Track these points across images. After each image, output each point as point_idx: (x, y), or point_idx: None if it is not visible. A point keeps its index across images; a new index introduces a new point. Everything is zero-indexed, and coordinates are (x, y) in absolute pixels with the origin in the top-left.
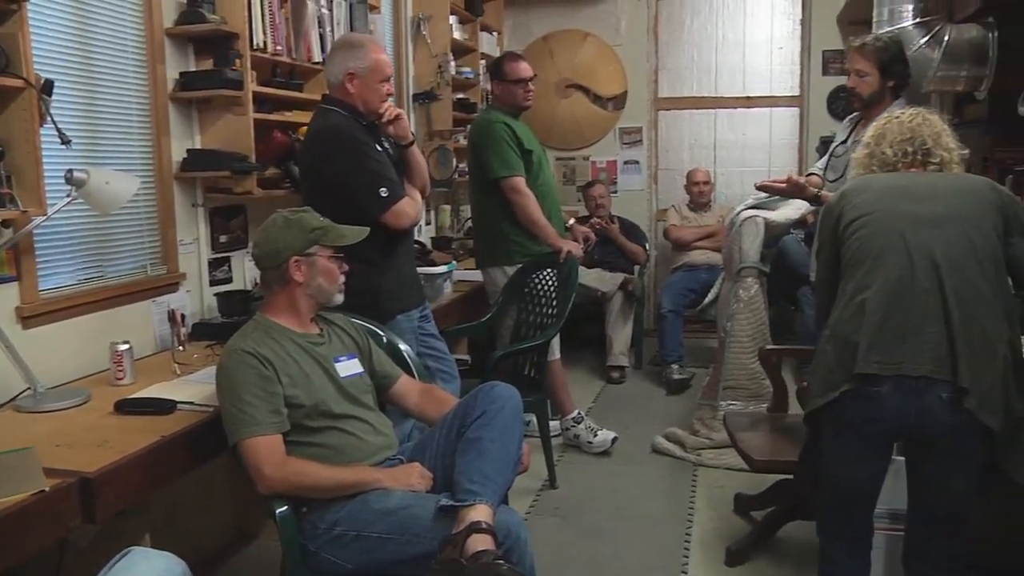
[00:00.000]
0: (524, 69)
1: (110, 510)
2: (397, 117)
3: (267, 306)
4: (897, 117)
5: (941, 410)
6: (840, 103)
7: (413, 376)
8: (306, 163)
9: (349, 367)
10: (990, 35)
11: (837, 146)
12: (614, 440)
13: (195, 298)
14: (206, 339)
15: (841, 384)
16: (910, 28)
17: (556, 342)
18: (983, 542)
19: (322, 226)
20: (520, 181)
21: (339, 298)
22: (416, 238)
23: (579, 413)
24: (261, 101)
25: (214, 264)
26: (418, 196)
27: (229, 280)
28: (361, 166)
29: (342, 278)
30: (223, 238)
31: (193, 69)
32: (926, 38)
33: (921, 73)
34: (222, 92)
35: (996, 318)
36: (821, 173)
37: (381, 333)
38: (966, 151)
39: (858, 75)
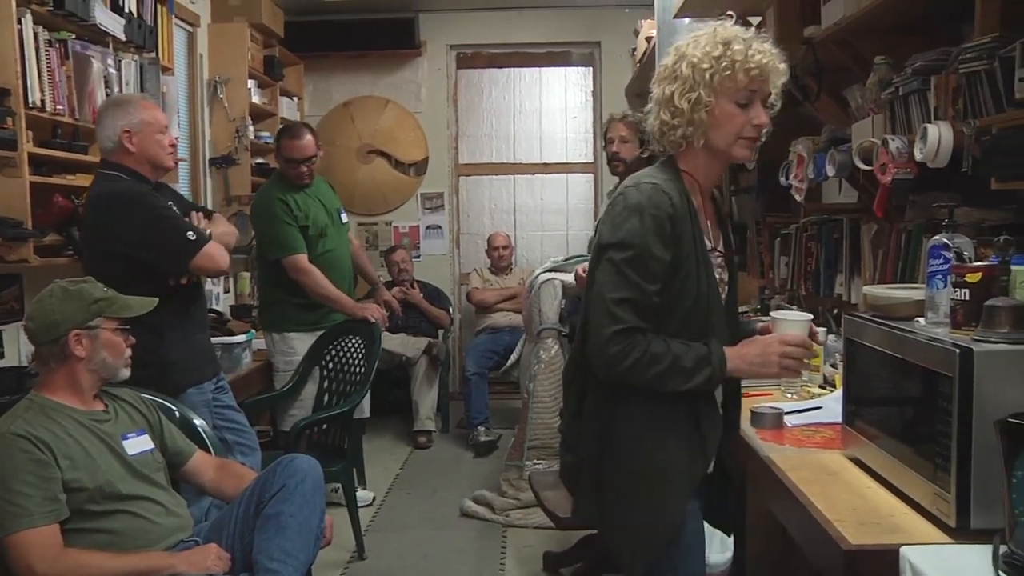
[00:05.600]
0: (298, 148)
1: None
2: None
3: (44, 384)
4: None
5: None
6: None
7: (209, 451)
8: (94, 229)
9: (138, 444)
10: None
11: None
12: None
13: None
14: None
15: None
16: None
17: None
18: None
19: (106, 297)
20: (299, 259)
21: (125, 373)
22: (213, 307)
23: None
24: (40, 163)
25: None
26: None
27: (0, 356)
28: (160, 217)
29: (128, 351)
30: None
31: None
32: None
33: None
34: None
35: None
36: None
37: (173, 407)
38: None
39: (621, 141)
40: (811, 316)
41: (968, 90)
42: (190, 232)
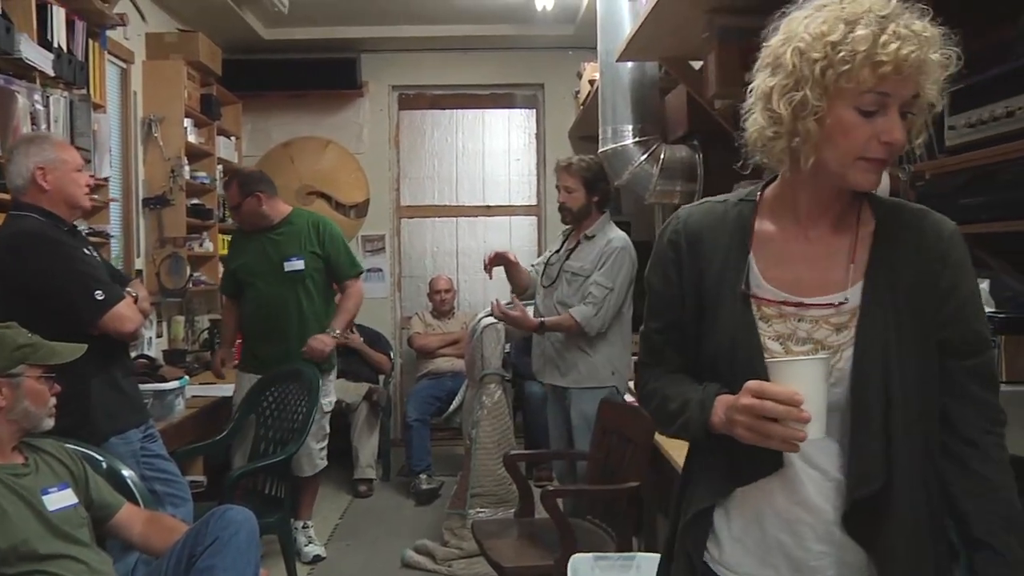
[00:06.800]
0: (228, 197)
1: None
2: None
3: None
4: None
5: None
6: None
7: (137, 503)
8: (2, 272)
9: (60, 499)
10: (697, 155)
11: (552, 255)
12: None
13: None
14: None
15: None
16: (631, 146)
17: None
18: None
19: (30, 343)
20: (225, 298)
21: (48, 423)
22: (144, 352)
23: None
24: None
25: None
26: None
27: None
28: (69, 268)
29: (53, 400)
30: None
31: None
32: (645, 156)
33: (643, 186)
34: None
35: None
36: (540, 268)
37: (100, 458)
38: None
39: (567, 191)
40: (824, 356)
41: None
42: (99, 292)
